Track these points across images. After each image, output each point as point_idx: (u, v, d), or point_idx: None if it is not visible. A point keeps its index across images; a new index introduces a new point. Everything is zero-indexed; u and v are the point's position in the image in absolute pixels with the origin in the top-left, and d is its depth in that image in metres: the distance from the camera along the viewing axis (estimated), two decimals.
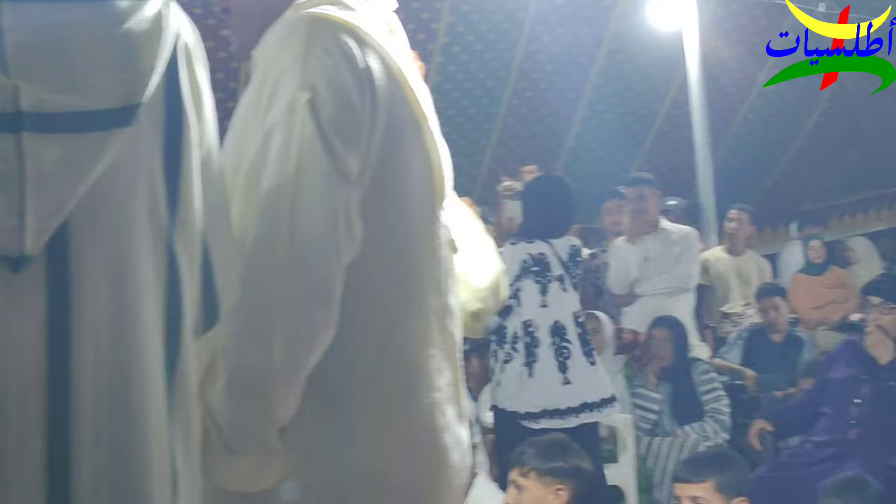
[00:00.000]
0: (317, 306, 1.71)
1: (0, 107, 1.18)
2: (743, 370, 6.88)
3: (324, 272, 1.70)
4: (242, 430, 1.70)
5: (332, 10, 1.83)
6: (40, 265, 1.22)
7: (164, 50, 1.31)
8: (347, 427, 1.80)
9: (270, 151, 1.71)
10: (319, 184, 1.70)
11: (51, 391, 1.21)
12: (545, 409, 4.89)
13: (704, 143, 8.95)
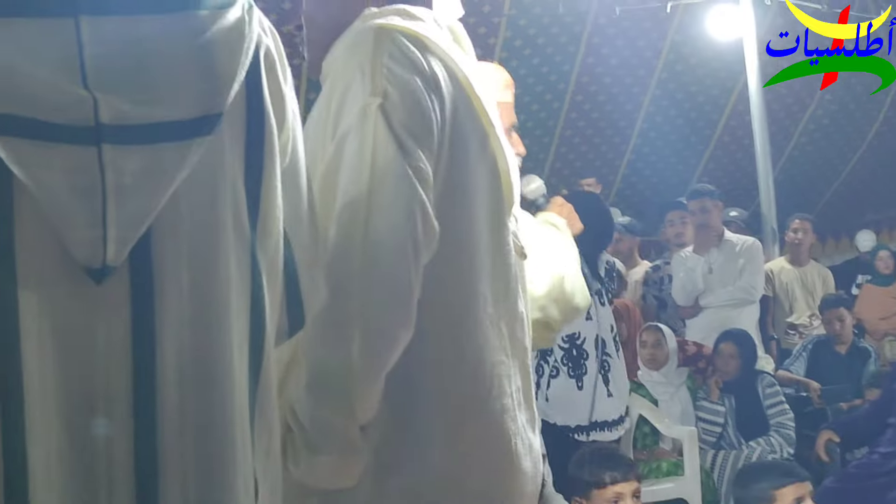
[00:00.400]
0: (395, 305, 1.73)
1: (80, 119, 1.19)
2: (808, 382, 6.81)
3: (402, 272, 1.72)
4: (324, 429, 1.73)
5: (397, 21, 1.86)
6: (123, 275, 1.23)
7: (245, 58, 1.32)
8: (423, 430, 1.82)
9: (344, 157, 1.74)
10: (395, 184, 1.72)
11: (137, 400, 1.23)
12: (595, 422, 4.90)
13: (765, 153, 8.88)
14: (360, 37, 1.83)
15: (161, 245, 1.25)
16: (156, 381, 1.24)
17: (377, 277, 1.71)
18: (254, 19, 1.35)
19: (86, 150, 1.19)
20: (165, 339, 1.25)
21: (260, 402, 1.37)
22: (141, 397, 1.23)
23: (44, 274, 1.21)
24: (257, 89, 1.35)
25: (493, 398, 1.88)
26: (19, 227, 1.19)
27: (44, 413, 1.20)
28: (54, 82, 1.19)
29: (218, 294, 1.30)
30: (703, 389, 6.24)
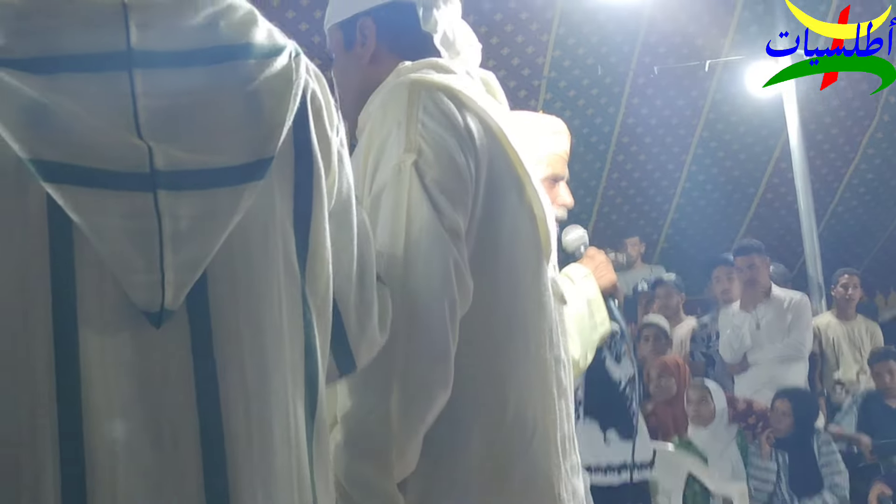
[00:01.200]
0: (433, 362, 1.75)
1: (135, 167, 1.22)
2: (859, 437, 6.74)
3: (439, 328, 1.74)
4: (363, 486, 1.74)
5: (431, 74, 1.90)
6: (182, 319, 1.25)
7: (293, 104, 1.35)
8: (465, 479, 1.82)
9: (380, 214, 1.78)
10: (430, 242, 1.75)
11: (205, 442, 1.25)
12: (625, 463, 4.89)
13: (808, 209, 8.86)
14: (395, 92, 1.87)
15: (217, 288, 1.28)
16: (222, 422, 1.26)
17: (415, 336, 1.73)
18: (301, 66, 1.38)
19: (142, 196, 1.22)
20: (227, 380, 1.27)
21: (317, 438, 1.38)
22: (209, 439, 1.25)
23: (105, 318, 1.23)
24: (305, 133, 1.38)
25: (536, 445, 1.89)
26: (80, 273, 1.22)
27: (109, 460, 1.21)
28: (110, 133, 1.23)
29: (273, 336, 1.32)
30: (755, 446, 6.19)
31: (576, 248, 2.92)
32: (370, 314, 1.55)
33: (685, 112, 10.33)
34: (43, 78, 1.23)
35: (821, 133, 10.64)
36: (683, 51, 9.56)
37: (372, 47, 2.03)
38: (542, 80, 9.50)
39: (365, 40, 2.04)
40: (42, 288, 1.21)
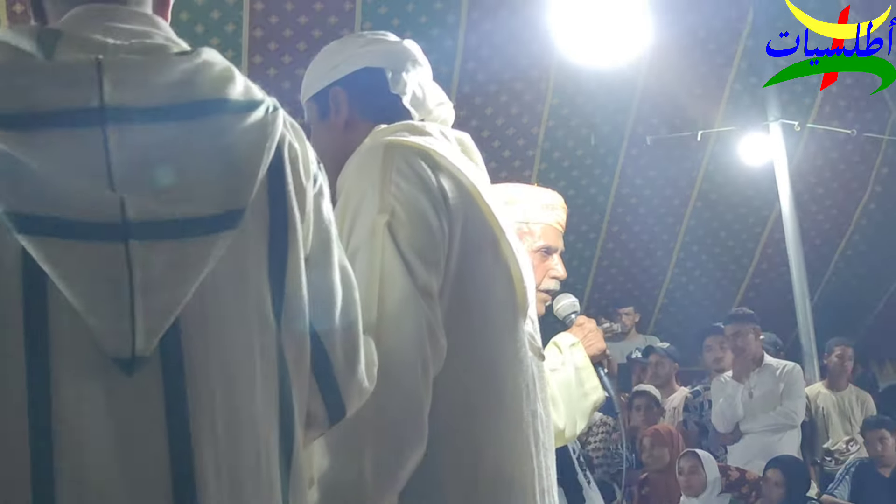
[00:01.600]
0: (406, 422, 1.77)
1: (107, 217, 1.25)
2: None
3: (412, 388, 1.77)
4: None
5: (406, 136, 1.95)
6: (155, 366, 1.28)
7: (266, 156, 1.38)
8: None
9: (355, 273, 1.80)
10: (402, 303, 1.78)
11: (176, 488, 1.26)
12: None
13: (802, 280, 8.88)
14: (370, 154, 1.92)
15: (190, 336, 1.30)
16: (194, 472, 1.27)
17: (388, 395, 1.74)
18: (277, 119, 1.42)
19: (113, 246, 1.25)
20: (200, 427, 1.29)
21: (293, 487, 1.40)
22: (180, 487, 1.26)
23: (78, 367, 1.25)
24: (280, 184, 1.42)
25: (514, 500, 1.90)
26: (53, 322, 1.25)
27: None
28: (83, 185, 1.26)
29: (246, 383, 1.34)
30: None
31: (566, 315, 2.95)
32: (358, 357, 1.56)
33: (679, 182, 10.39)
34: (19, 134, 1.26)
35: (814, 204, 10.69)
36: (676, 121, 9.63)
37: (345, 115, 2.10)
38: (536, 151, 9.55)
39: (338, 109, 2.10)
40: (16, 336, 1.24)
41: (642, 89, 9.46)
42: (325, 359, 1.49)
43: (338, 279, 1.53)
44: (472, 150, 2.10)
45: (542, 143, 9.60)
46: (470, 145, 2.10)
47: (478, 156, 2.11)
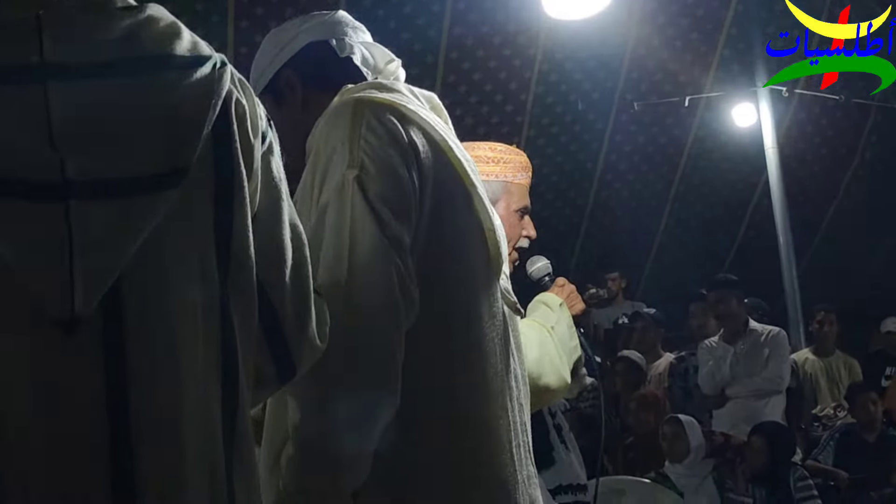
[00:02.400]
0: (377, 375, 1.77)
1: (47, 176, 1.23)
2: (836, 472, 6.75)
3: (383, 339, 1.77)
4: (314, 497, 1.77)
5: (374, 93, 1.95)
6: (95, 326, 1.26)
7: (212, 113, 1.36)
8: (420, 491, 1.84)
9: (325, 229, 1.81)
10: (372, 254, 1.78)
11: (114, 447, 1.25)
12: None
13: (788, 244, 8.91)
14: (338, 111, 1.91)
15: (130, 296, 1.29)
16: (130, 430, 1.26)
17: (358, 348, 1.75)
18: (225, 75, 1.40)
19: (52, 206, 1.23)
20: (140, 387, 1.28)
21: (238, 448, 1.39)
22: (118, 447, 1.26)
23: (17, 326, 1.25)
24: (227, 141, 1.40)
25: (490, 454, 1.91)
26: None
27: (21, 467, 1.23)
28: (22, 143, 1.24)
29: (188, 343, 1.33)
30: (732, 480, 6.20)
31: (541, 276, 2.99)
32: (308, 316, 1.54)
33: (668, 149, 10.40)
34: None
35: (803, 170, 10.70)
36: (665, 88, 9.63)
37: (300, 92, 2.11)
38: (525, 117, 9.54)
39: (293, 88, 2.11)
40: None
41: (631, 56, 9.45)
42: (275, 317, 1.48)
43: (288, 237, 1.52)
44: (440, 109, 2.10)
45: (530, 110, 9.60)
46: (438, 104, 2.10)
47: (446, 115, 2.11)
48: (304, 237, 1.57)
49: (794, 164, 10.33)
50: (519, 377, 2.05)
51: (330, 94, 2.02)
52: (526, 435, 2.04)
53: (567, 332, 2.85)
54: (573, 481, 3.89)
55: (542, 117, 9.72)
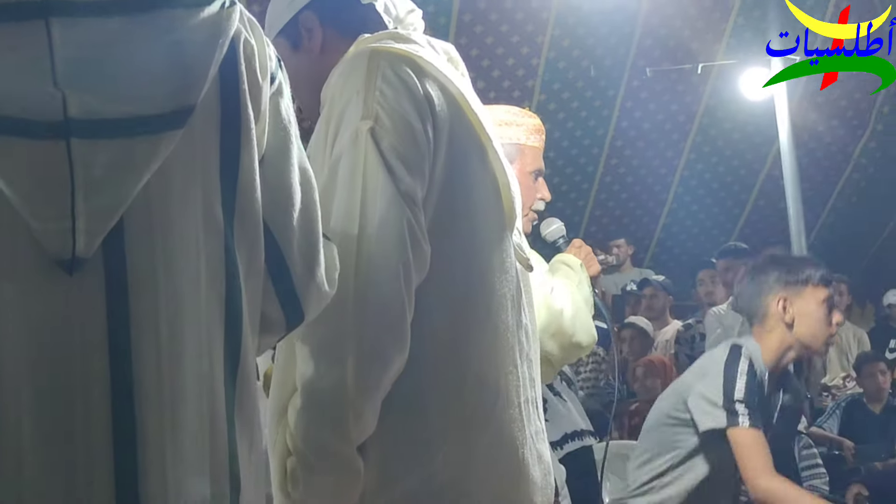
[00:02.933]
0: (387, 327, 1.76)
1: (49, 115, 1.22)
2: (841, 440, 6.76)
3: (393, 295, 1.76)
4: (321, 450, 1.76)
5: (391, 44, 1.93)
6: (98, 267, 1.25)
7: (219, 53, 1.34)
8: (426, 444, 1.84)
9: (337, 181, 1.80)
10: (384, 207, 1.77)
11: (114, 390, 1.24)
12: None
13: (798, 215, 8.86)
14: (354, 61, 1.89)
15: (134, 237, 1.28)
16: (132, 372, 1.26)
17: (369, 300, 1.74)
18: (234, 14, 1.38)
19: (54, 145, 1.22)
20: (141, 330, 1.27)
21: (240, 392, 1.38)
22: (118, 389, 1.25)
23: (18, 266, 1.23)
24: (234, 82, 1.38)
25: (499, 408, 1.91)
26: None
27: (16, 406, 1.21)
28: (24, 81, 1.23)
29: (190, 286, 1.32)
30: None
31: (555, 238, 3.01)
32: (317, 260, 1.53)
33: (679, 117, 10.34)
34: None
35: (814, 141, 10.64)
36: (678, 54, 9.56)
37: (319, 37, 2.07)
38: (536, 81, 9.50)
39: (310, 33, 2.07)
40: None
41: (644, 21, 9.38)
42: (282, 261, 1.47)
43: (296, 180, 1.50)
44: (458, 62, 2.08)
45: (542, 74, 9.54)
46: (456, 57, 2.08)
47: (463, 67, 2.09)
48: (314, 181, 1.56)
49: (806, 136, 10.27)
50: (529, 333, 2.04)
51: (348, 41, 2.00)
52: (534, 390, 2.03)
53: (588, 292, 2.92)
54: (575, 428, 3.91)
55: (553, 82, 9.67)
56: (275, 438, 1.83)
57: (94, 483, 1.23)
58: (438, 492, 1.83)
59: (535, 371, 2.05)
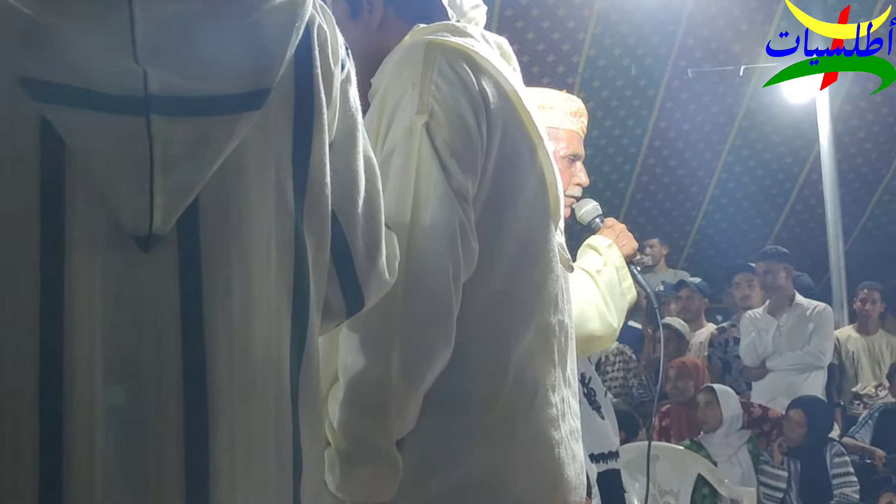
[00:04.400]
0: (435, 324, 1.76)
1: (129, 91, 1.22)
2: (873, 450, 6.71)
3: (441, 290, 1.75)
4: (362, 442, 1.76)
5: (447, 37, 1.91)
6: (172, 244, 1.26)
7: (294, 37, 1.35)
8: (464, 440, 1.83)
9: (390, 174, 1.78)
10: (437, 203, 1.76)
11: (186, 367, 1.25)
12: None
13: (836, 220, 8.81)
14: (410, 53, 1.88)
15: (208, 216, 1.28)
16: (205, 350, 1.26)
17: (418, 296, 1.74)
18: (307, 0, 1.39)
19: (135, 120, 1.22)
20: (213, 308, 1.27)
21: (304, 375, 1.38)
22: (190, 364, 1.25)
23: (93, 241, 1.24)
24: (308, 66, 1.38)
25: (536, 407, 1.90)
26: (69, 195, 1.23)
27: (89, 380, 1.22)
28: (106, 55, 1.23)
29: (261, 267, 1.32)
30: (767, 452, 6.18)
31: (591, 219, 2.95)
32: (379, 249, 1.54)
33: (718, 118, 10.30)
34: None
35: (854, 147, 10.58)
36: (720, 56, 9.53)
37: (380, 13, 2.04)
38: (576, 78, 9.47)
39: (372, 7, 2.04)
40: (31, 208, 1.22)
41: (688, 21, 9.35)
42: (346, 248, 1.47)
43: (362, 168, 1.50)
44: (510, 56, 2.06)
45: (582, 72, 9.53)
46: (508, 50, 2.06)
47: (515, 62, 2.07)
48: (377, 170, 1.56)
49: (846, 140, 10.20)
50: (568, 332, 2.03)
51: (406, 27, 1.98)
52: (570, 389, 2.02)
53: (616, 274, 2.81)
54: (605, 449, 3.88)
55: (593, 80, 9.65)
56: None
57: (166, 458, 1.24)
58: (474, 488, 1.83)
59: (571, 370, 2.04)
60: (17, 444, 1.20)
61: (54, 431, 1.20)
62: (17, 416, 1.20)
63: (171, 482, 1.24)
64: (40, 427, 1.20)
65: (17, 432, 1.20)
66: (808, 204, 10.85)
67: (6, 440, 1.20)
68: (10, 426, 1.20)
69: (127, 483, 1.22)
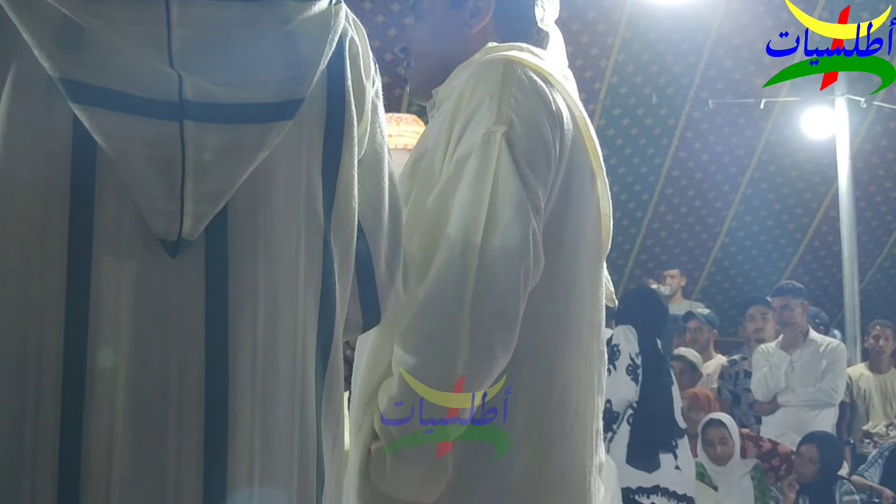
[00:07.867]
0: (502, 329, 1.75)
1: (164, 95, 1.23)
2: (882, 489, 6.65)
3: (512, 297, 1.74)
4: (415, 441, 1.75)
5: (524, 55, 1.91)
6: (199, 251, 1.26)
7: (328, 48, 1.35)
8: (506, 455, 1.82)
9: (463, 178, 1.78)
10: (513, 211, 1.75)
11: (209, 372, 1.25)
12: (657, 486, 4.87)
13: (852, 258, 8.77)
14: (489, 66, 1.87)
15: (237, 224, 1.29)
16: (228, 356, 1.26)
17: (488, 300, 1.73)
18: (341, 12, 1.40)
19: (168, 125, 1.23)
20: (238, 315, 1.27)
21: (328, 386, 1.39)
22: (213, 370, 1.25)
23: (121, 244, 1.24)
24: (339, 79, 1.39)
25: (575, 432, 1.90)
26: (99, 197, 1.23)
27: (112, 381, 1.22)
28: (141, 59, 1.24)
29: (288, 278, 1.33)
30: (777, 488, 6.14)
31: None
32: (398, 264, 1.55)
33: (738, 151, 10.28)
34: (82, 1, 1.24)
35: (873, 184, 10.55)
36: (741, 88, 9.51)
37: (486, 21, 2.02)
38: (597, 105, 9.47)
39: (479, 12, 2.02)
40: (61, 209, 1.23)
41: (710, 52, 9.35)
42: (369, 263, 1.48)
43: (387, 185, 1.52)
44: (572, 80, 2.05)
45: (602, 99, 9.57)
46: (570, 74, 2.05)
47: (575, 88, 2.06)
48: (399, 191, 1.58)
49: (866, 178, 10.18)
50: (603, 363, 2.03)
51: (493, 40, 1.97)
52: (600, 422, 2.01)
53: None
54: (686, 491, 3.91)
55: (613, 107, 9.66)
56: (361, 422, 1.81)
57: (183, 462, 1.24)
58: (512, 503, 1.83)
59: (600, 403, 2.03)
60: (37, 442, 1.21)
61: (74, 430, 1.21)
62: (38, 414, 1.21)
63: (189, 487, 1.24)
64: (61, 425, 1.21)
65: (38, 430, 1.21)
66: (826, 241, 10.81)
67: (27, 438, 1.21)
68: (31, 424, 1.21)
69: (144, 484, 1.23)
